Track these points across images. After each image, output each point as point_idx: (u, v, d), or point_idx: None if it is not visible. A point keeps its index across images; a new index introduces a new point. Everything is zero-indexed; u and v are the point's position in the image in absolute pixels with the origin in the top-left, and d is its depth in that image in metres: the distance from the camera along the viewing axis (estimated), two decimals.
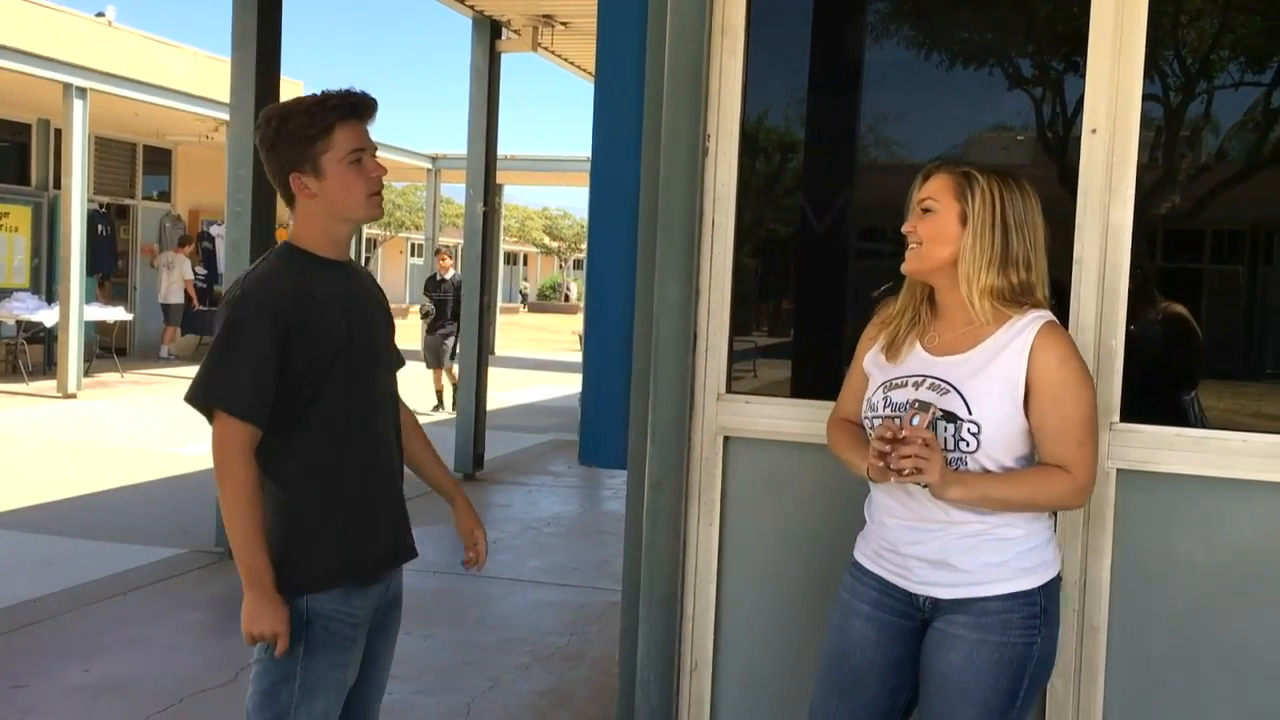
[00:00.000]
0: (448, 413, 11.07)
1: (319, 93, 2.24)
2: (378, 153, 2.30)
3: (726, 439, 2.91)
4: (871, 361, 2.29)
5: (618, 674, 3.03)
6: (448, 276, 11.53)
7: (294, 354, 2.16)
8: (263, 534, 2.14)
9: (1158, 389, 2.90)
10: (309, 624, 2.19)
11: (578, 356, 12.25)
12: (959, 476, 2.06)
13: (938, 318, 2.22)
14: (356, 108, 2.22)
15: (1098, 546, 2.61)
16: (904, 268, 2.21)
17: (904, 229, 2.20)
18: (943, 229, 2.14)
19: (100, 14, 15.80)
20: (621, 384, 2.97)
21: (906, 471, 2.00)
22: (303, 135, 2.19)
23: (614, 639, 3.28)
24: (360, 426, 2.27)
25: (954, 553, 2.12)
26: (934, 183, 2.18)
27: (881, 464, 2.01)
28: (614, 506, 7.66)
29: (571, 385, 13.26)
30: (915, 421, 2.04)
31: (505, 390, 13.49)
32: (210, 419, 2.17)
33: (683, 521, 2.89)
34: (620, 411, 2.98)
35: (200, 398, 2.16)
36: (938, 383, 2.12)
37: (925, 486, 2.05)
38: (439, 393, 11.82)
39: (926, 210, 2.17)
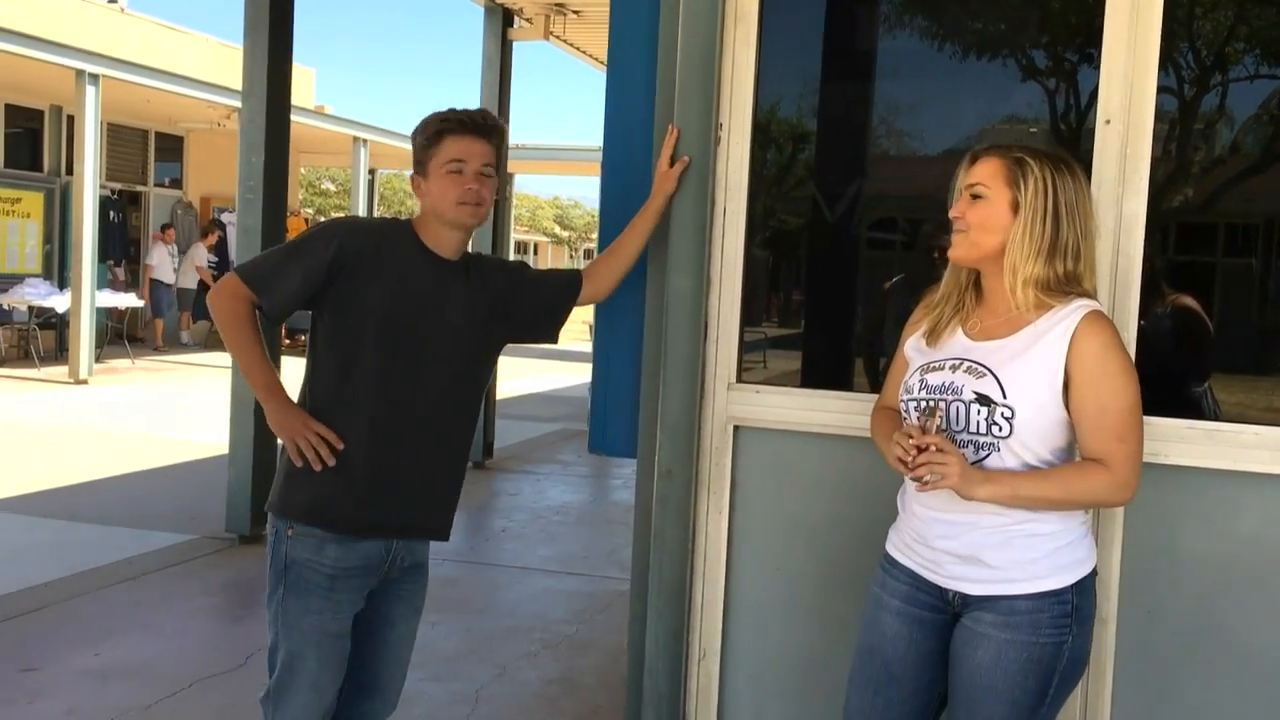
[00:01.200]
0: None
1: (447, 109, 2.50)
2: (489, 175, 2.47)
3: (736, 428, 2.91)
4: (913, 346, 2.24)
5: (626, 662, 3.04)
6: None
7: (337, 288, 2.39)
8: (261, 356, 2.43)
9: (1170, 382, 2.89)
10: (287, 569, 2.44)
11: (588, 346, 12.33)
12: (986, 474, 2.01)
13: (982, 303, 2.17)
14: (465, 124, 2.44)
15: (1107, 539, 2.60)
16: (950, 254, 2.15)
17: (951, 214, 2.14)
18: (993, 216, 2.07)
19: (112, 0, 15.84)
20: (632, 373, 2.97)
21: (927, 479, 1.98)
22: (422, 141, 2.47)
23: (622, 627, 3.29)
24: (394, 403, 2.43)
25: (985, 548, 2.08)
26: (984, 167, 2.10)
27: (908, 473, 2.00)
28: (623, 495, 7.66)
29: (581, 374, 13.27)
30: (927, 428, 2.01)
31: (515, 379, 13.51)
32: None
33: (692, 510, 2.89)
34: (630, 400, 2.98)
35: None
36: (975, 366, 2.08)
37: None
38: None
39: (976, 196, 2.09)
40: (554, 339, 2.75)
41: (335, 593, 2.43)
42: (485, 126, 2.45)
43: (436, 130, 2.44)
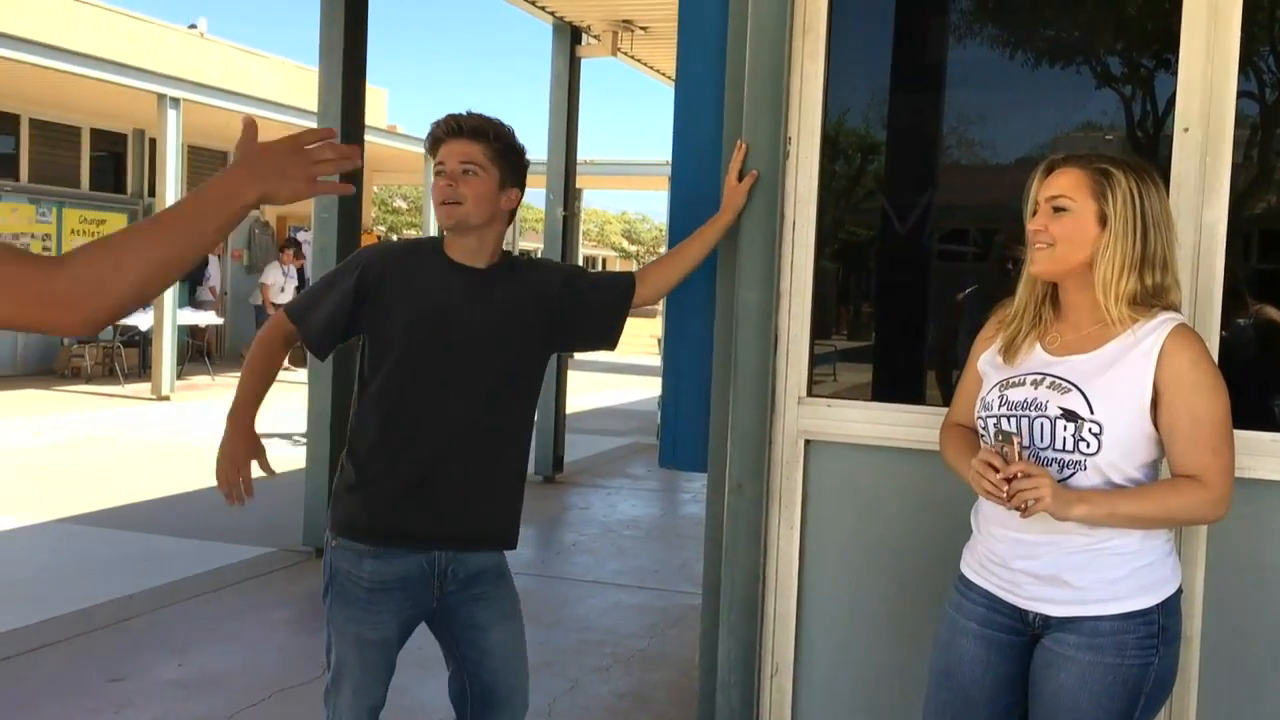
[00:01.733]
0: None
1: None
2: (465, 169, 2.47)
3: (807, 442, 2.89)
4: (987, 362, 2.19)
5: (698, 677, 3.03)
6: None
7: (367, 311, 2.47)
8: (251, 381, 2.50)
9: (1256, 394, 2.82)
10: (332, 578, 2.52)
11: (657, 360, 12.28)
12: (1082, 495, 1.96)
13: (1060, 318, 2.12)
14: (444, 129, 2.49)
15: (1191, 556, 2.54)
16: (1031, 269, 2.10)
17: (1031, 227, 2.08)
18: (1080, 230, 2.02)
19: (193, 26, 16.26)
20: (702, 387, 2.97)
21: (1024, 507, 1.93)
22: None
23: (693, 642, 3.28)
24: (420, 412, 2.46)
25: (1066, 569, 2.03)
26: (1065, 178, 2.05)
27: (1003, 501, 1.96)
28: (693, 510, 7.65)
29: (650, 389, 13.29)
30: (1006, 455, 1.96)
31: (584, 393, 13.57)
32: None
33: (763, 525, 2.88)
34: (700, 414, 2.98)
35: None
36: (1058, 381, 2.02)
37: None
38: None
39: (1059, 209, 2.04)
40: (612, 345, 2.72)
41: (373, 604, 2.49)
42: (461, 128, 2.47)
43: (430, 141, 2.52)
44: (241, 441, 2.44)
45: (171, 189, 12.18)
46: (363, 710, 2.57)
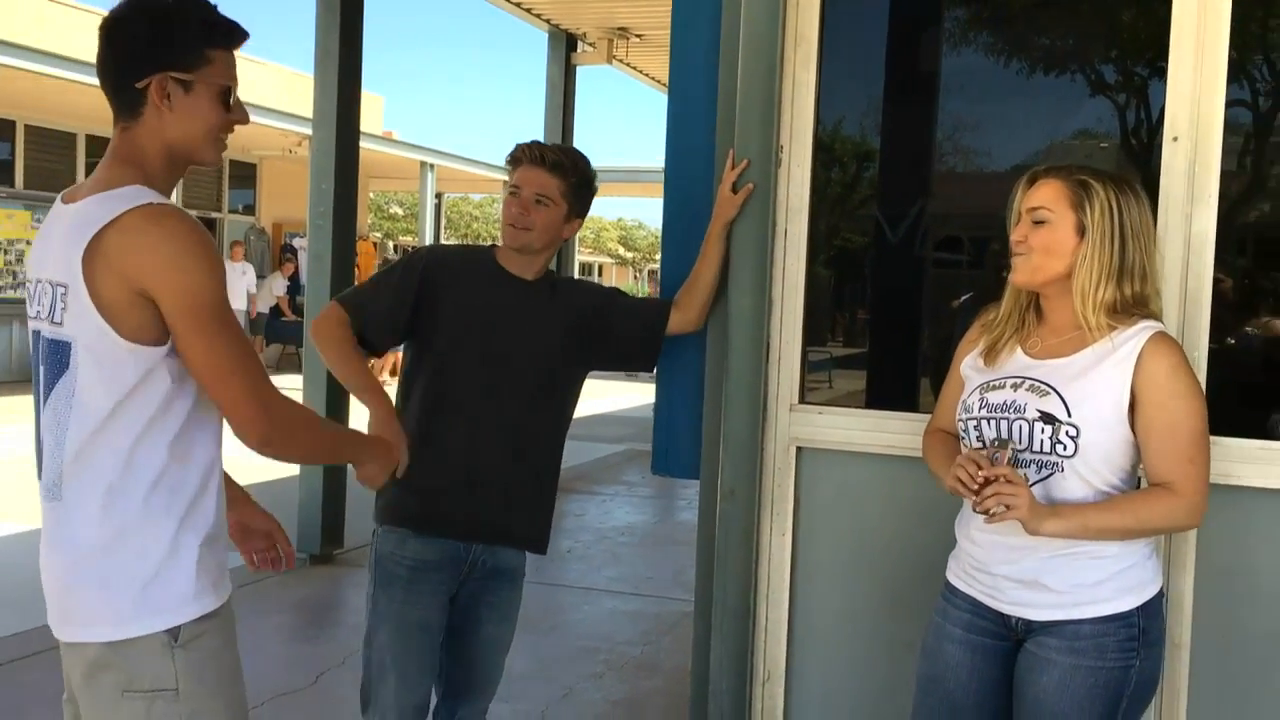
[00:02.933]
0: None
1: (531, 141, 2.70)
2: (539, 199, 2.63)
3: (799, 449, 2.90)
4: (970, 365, 2.23)
5: (690, 684, 3.03)
6: None
7: (425, 313, 2.61)
8: (362, 366, 2.61)
9: (1241, 402, 2.83)
10: (377, 563, 2.64)
11: None
12: (1054, 509, 1.99)
13: (1042, 324, 2.15)
14: (528, 156, 2.64)
15: (1180, 563, 2.55)
16: (1015, 279, 2.13)
17: (1013, 237, 2.12)
18: (1059, 241, 2.06)
19: None
20: (694, 394, 2.98)
21: (994, 511, 1.96)
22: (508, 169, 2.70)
23: (688, 649, 3.28)
24: (468, 413, 2.60)
25: (1046, 572, 2.05)
26: (1046, 190, 2.08)
27: (975, 503, 1.99)
28: (688, 517, 7.65)
29: (645, 396, 13.28)
30: (996, 459, 1.99)
31: (580, 400, 13.55)
32: None
33: (755, 531, 2.89)
34: (693, 421, 2.99)
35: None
36: (1037, 384, 2.06)
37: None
38: None
39: (1039, 220, 2.07)
40: (651, 366, 2.90)
41: (415, 584, 2.60)
42: (543, 159, 2.63)
43: (510, 158, 2.68)
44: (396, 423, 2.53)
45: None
46: (407, 709, 2.61)
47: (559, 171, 2.63)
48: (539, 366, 2.66)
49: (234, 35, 1.85)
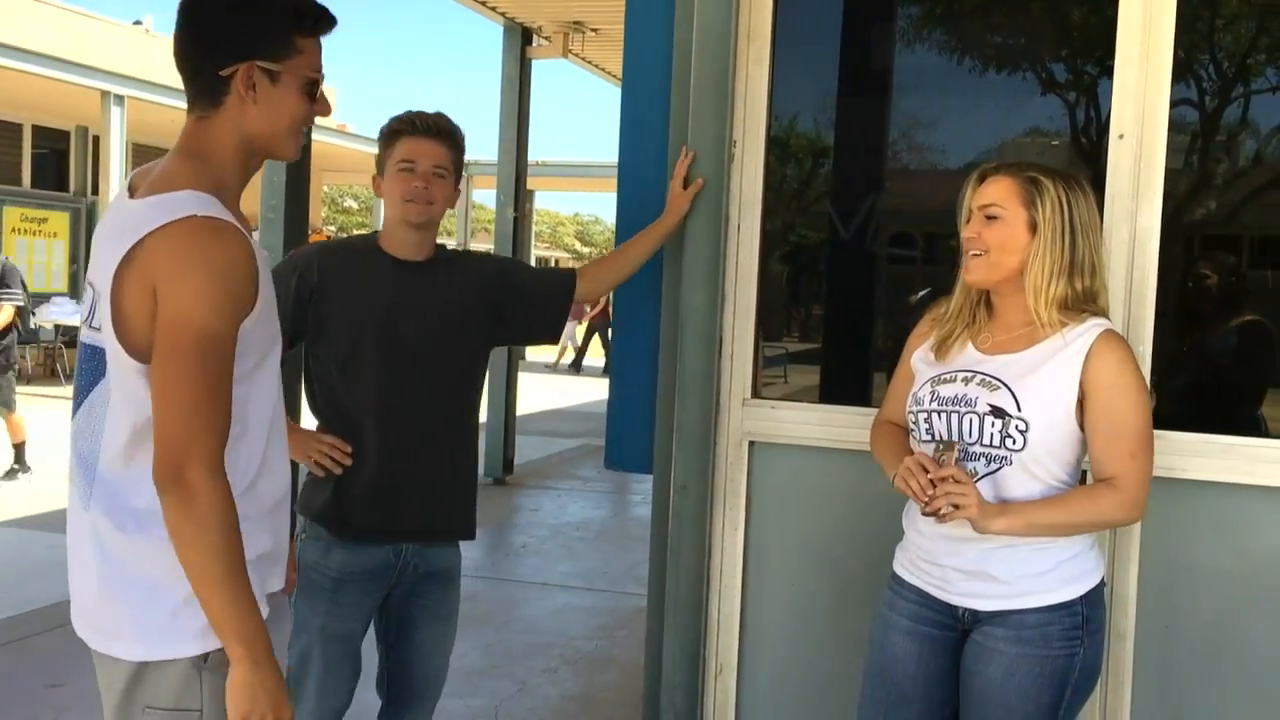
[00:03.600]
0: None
1: (409, 110, 2.56)
2: (441, 174, 2.52)
3: (751, 443, 2.92)
4: (920, 359, 2.24)
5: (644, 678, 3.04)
6: None
7: (311, 314, 2.48)
8: None
9: (1185, 397, 2.88)
10: (301, 570, 2.50)
11: None
12: (1001, 508, 2.02)
13: (993, 319, 2.17)
14: (417, 126, 2.51)
15: (1125, 555, 2.59)
16: (968, 277, 2.15)
17: (965, 235, 2.13)
18: (1011, 237, 2.07)
19: (138, 22, 16.02)
20: (647, 389, 2.99)
21: (944, 511, 1.98)
22: (381, 143, 2.55)
23: (642, 643, 3.29)
24: (383, 411, 2.48)
25: (992, 563, 2.08)
26: (996, 187, 2.10)
27: (923, 506, 2.01)
28: (643, 512, 7.66)
29: (600, 391, 13.28)
30: (943, 460, 2.02)
31: (535, 395, 13.54)
32: None
33: (708, 526, 2.90)
34: (646, 416, 2.99)
35: None
36: (988, 379, 2.08)
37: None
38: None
39: (991, 217, 2.09)
40: (555, 338, 2.81)
41: (340, 595, 2.52)
42: (437, 129, 2.52)
43: (392, 131, 2.52)
44: (299, 429, 2.51)
45: (116, 187, 12.01)
46: (327, 712, 2.56)
47: (448, 140, 2.53)
48: (446, 353, 2.55)
49: (323, 22, 1.73)
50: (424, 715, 2.72)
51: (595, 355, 19.73)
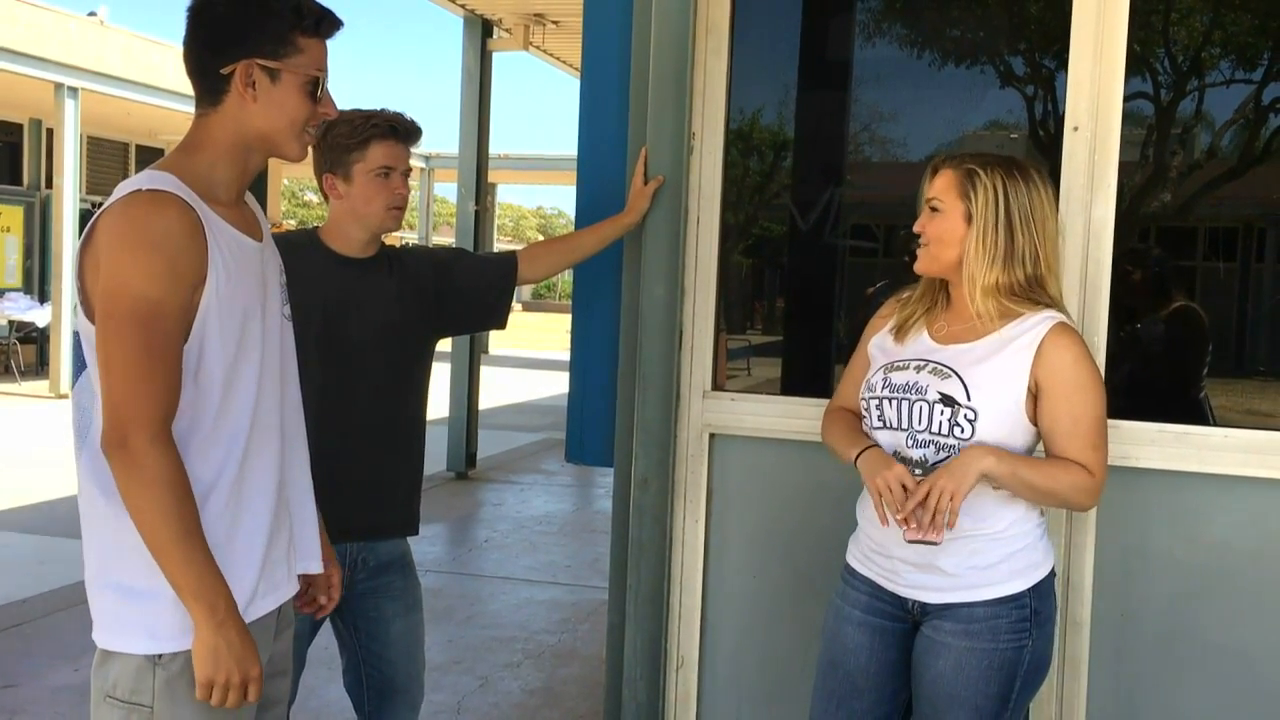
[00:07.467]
0: None
1: (368, 110, 2.48)
2: (408, 176, 2.51)
3: (712, 436, 2.92)
4: (876, 345, 2.25)
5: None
6: None
7: None
8: None
9: (1138, 386, 2.91)
10: None
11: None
12: (989, 449, 2.01)
13: (950, 309, 2.19)
14: (395, 130, 2.45)
15: (1080, 543, 2.61)
16: (915, 268, 2.18)
17: (915, 227, 2.16)
18: (949, 229, 2.10)
19: (92, 13, 15.75)
20: (608, 382, 2.98)
21: (948, 518, 1.99)
22: (342, 144, 2.43)
23: (604, 637, 3.29)
24: (329, 410, 2.40)
25: (941, 555, 2.08)
26: (940, 180, 2.13)
27: (916, 531, 2.01)
28: (606, 505, 7.63)
29: (563, 384, 13.25)
30: (917, 474, 2.04)
31: (498, 389, 13.49)
32: None
33: (669, 518, 2.89)
34: (606, 409, 2.98)
35: None
36: (939, 367, 2.09)
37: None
38: None
39: (934, 209, 2.12)
40: (501, 324, 2.77)
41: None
42: (410, 132, 2.48)
43: (366, 135, 2.43)
44: None
45: (70, 181, 11.84)
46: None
47: (414, 141, 2.51)
48: (392, 349, 2.50)
49: (325, 23, 1.75)
50: (413, 707, 2.66)
51: (555, 348, 19.68)
